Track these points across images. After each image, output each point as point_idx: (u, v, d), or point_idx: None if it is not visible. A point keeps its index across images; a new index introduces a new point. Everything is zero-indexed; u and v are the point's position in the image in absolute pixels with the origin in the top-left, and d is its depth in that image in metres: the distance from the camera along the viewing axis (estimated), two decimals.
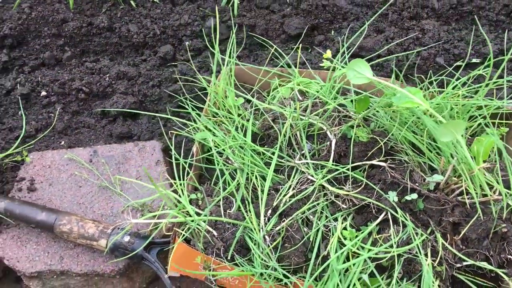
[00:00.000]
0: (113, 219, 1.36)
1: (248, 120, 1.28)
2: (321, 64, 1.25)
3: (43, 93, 1.73)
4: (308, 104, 1.23)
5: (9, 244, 1.35)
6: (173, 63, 1.81)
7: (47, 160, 1.50)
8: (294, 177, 1.17)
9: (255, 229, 1.09)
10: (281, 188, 1.16)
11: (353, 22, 1.80)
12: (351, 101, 1.26)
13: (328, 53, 1.13)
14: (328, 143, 1.18)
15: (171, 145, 1.22)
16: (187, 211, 1.11)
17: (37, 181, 1.45)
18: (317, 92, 1.29)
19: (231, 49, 1.40)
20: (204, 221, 1.08)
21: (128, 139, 1.58)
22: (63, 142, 1.59)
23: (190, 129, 1.30)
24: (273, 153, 1.19)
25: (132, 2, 1.92)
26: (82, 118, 1.69)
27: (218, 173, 1.21)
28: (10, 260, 1.32)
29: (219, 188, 1.19)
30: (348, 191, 1.10)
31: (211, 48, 1.81)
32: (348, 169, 1.12)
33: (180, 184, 1.12)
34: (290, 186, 1.16)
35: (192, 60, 1.81)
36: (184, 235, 1.07)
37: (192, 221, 1.07)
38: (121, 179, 1.43)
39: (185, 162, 1.19)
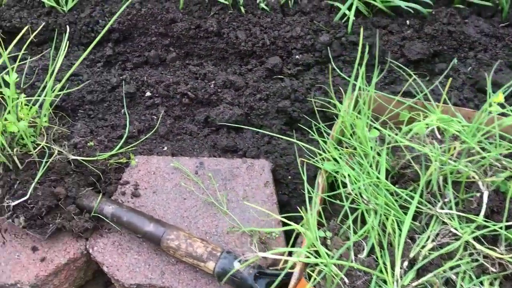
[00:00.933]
0: (217, 238, 1.30)
1: (379, 155, 1.17)
2: (488, 109, 1.13)
3: (148, 93, 1.69)
4: (454, 146, 1.11)
5: (110, 250, 1.31)
6: (280, 76, 1.73)
7: (152, 166, 1.45)
8: (433, 227, 1.06)
9: (388, 281, 0.98)
10: (418, 237, 1.05)
11: (480, 53, 1.66)
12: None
13: (500, 97, 1.01)
14: (479, 194, 1.05)
15: (279, 165, 1.13)
16: (315, 250, 1.02)
17: (141, 187, 1.41)
18: (459, 132, 1.17)
19: (362, 73, 1.29)
20: (334, 265, 0.99)
21: (233, 153, 1.51)
22: (165, 148, 1.55)
23: (317, 159, 1.21)
24: (411, 196, 1.08)
25: (241, 8, 1.85)
26: (184, 124, 1.64)
27: (347, 211, 1.11)
28: (110, 267, 1.28)
29: (348, 227, 1.09)
30: (502, 254, 0.97)
31: (321, 65, 1.71)
32: (501, 228, 1.00)
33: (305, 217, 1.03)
34: (428, 237, 1.04)
35: (300, 76, 1.73)
36: (316, 279, 0.98)
37: (325, 264, 0.97)
38: (227, 197, 1.36)
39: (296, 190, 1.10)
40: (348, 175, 1.10)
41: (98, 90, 1.70)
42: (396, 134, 1.26)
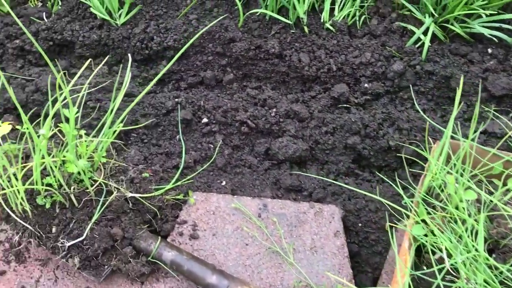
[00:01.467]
0: None
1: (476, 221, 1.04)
2: None
3: (205, 119, 1.59)
4: None
5: None
6: (346, 105, 1.60)
7: (212, 204, 1.35)
8: None
9: None
10: None
11: None
12: None
13: None
14: None
15: (349, 211, 1.02)
16: None
17: (200, 228, 1.32)
18: None
19: (452, 118, 1.15)
20: None
21: (297, 193, 1.40)
22: (224, 182, 1.45)
23: (407, 223, 1.08)
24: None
25: (305, 28, 1.72)
26: (243, 156, 1.53)
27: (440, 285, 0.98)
28: None
29: None
30: None
31: (391, 95, 1.58)
32: None
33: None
34: None
35: (368, 105, 1.59)
36: None
37: None
38: (294, 246, 1.25)
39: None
40: (445, 248, 0.97)
41: (152, 114, 1.61)
42: (492, 193, 1.12)
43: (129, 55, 1.43)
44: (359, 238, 1.32)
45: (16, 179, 1.15)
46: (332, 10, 1.76)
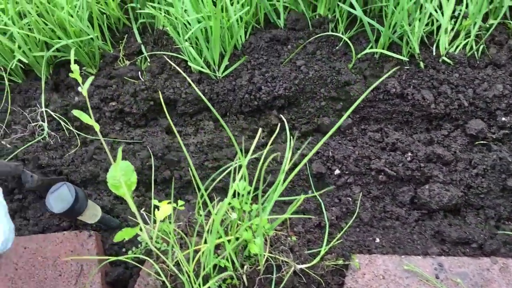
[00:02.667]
0: None
1: None
2: None
3: (337, 171, 1.50)
4: None
5: None
6: (483, 142, 1.50)
7: (379, 268, 1.25)
8: None
9: None
10: None
11: None
12: None
13: None
14: None
15: None
16: None
17: None
18: None
19: None
20: None
21: (466, 246, 1.29)
22: (378, 239, 1.34)
23: None
24: None
25: (420, 63, 1.64)
26: (387, 207, 1.44)
27: None
28: None
29: None
30: None
31: None
32: None
33: None
34: None
35: (506, 140, 1.50)
36: None
37: None
38: None
39: None
40: None
41: (278, 170, 1.51)
42: None
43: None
44: None
45: (185, 262, 1.05)
46: (439, 41, 1.68)
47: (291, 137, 1.62)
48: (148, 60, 1.91)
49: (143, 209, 1.57)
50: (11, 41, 1.84)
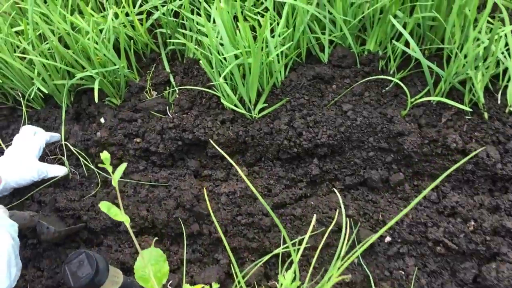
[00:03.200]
0: None
1: None
2: None
3: (387, 238, 1.32)
4: None
5: None
6: None
7: None
8: None
9: None
10: None
11: None
12: None
13: None
14: None
15: None
16: None
17: None
18: None
19: None
20: None
21: None
22: None
23: None
24: None
25: (485, 114, 1.45)
26: (446, 285, 1.25)
27: None
28: None
29: None
30: None
31: None
32: None
33: None
34: None
35: None
36: None
37: None
38: None
39: None
40: None
41: (319, 229, 1.35)
42: None
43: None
44: None
45: None
46: (505, 87, 1.49)
47: (333, 189, 1.45)
48: (177, 91, 1.75)
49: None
50: (30, 66, 1.70)
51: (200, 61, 1.58)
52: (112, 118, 1.72)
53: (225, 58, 1.52)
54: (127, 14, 1.80)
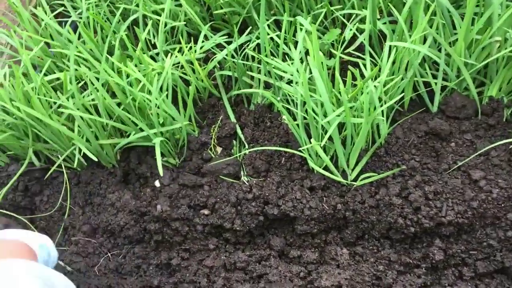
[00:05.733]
0: None
1: None
2: None
3: None
4: None
5: None
6: None
7: None
8: None
9: None
10: None
11: None
12: None
13: None
14: None
15: None
16: None
17: None
18: None
19: None
20: None
21: None
22: None
23: None
24: None
25: None
26: None
27: None
28: None
29: None
30: None
31: None
32: None
33: None
34: None
35: None
36: None
37: None
38: None
39: None
40: None
41: None
42: None
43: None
44: None
45: None
46: None
47: (460, 278, 1.14)
48: (247, 147, 1.44)
49: None
50: (68, 121, 1.39)
51: (284, 118, 1.27)
52: (170, 182, 1.42)
53: (323, 116, 1.21)
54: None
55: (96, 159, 1.36)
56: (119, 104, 1.38)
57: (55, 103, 1.38)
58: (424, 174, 1.26)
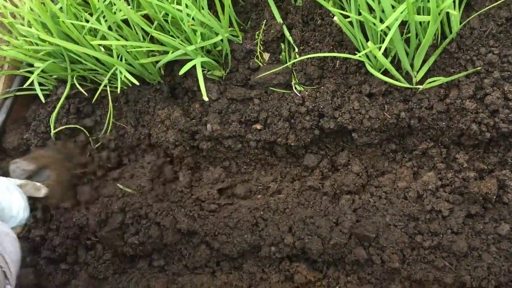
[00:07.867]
0: None
1: None
2: None
3: None
4: None
5: None
6: None
7: None
8: None
9: None
10: None
11: None
12: None
13: None
14: None
15: None
16: None
17: None
18: None
19: None
20: None
21: None
22: None
23: None
24: None
25: None
26: None
27: None
28: None
29: None
30: None
31: None
32: None
33: None
34: None
35: None
36: None
37: None
38: None
39: None
40: None
41: None
42: None
43: None
44: None
45: None
46: None
47: None
48: (297, 51, 1.30)
49: None
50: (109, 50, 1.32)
51: (336, 19, 1.10)
52: (218, 97, 1.34)
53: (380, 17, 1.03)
54: None
55: (137, 83, 1.29)
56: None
57: (87, 21, 1.28)
58: (503, 69, 1.08)
